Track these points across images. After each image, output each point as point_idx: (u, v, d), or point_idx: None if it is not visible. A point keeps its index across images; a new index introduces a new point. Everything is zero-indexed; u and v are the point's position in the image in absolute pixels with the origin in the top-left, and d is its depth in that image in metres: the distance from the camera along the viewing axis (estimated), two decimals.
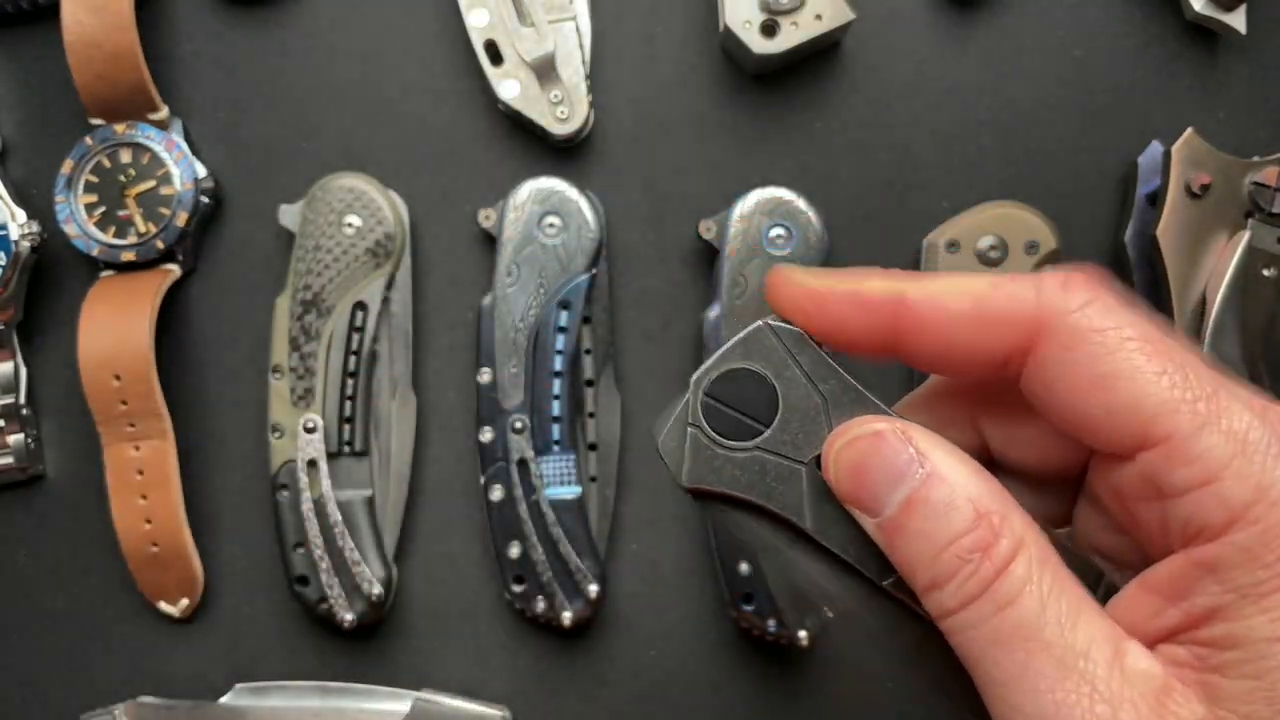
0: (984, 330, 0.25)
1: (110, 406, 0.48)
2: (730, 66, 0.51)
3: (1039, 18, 0.51)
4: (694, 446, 0.26)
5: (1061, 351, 0.24)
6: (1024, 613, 0.22)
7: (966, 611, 0.23)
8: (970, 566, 0.22)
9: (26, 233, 0.50)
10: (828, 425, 0.26)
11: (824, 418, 0.26)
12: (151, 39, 0.51)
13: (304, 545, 0.48)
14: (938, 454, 0.24)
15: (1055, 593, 0.22)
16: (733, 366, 0.26)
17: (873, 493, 0.24)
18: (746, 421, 0.26)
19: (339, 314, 0.48)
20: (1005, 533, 0.23)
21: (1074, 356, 0.23)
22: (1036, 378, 0.24)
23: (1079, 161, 0.50)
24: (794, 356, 0.26)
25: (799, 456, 0.26)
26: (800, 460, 0.26)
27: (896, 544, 0.24)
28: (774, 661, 0.49)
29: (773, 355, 0.26)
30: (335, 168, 0.50)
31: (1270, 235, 0.46)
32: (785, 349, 0.26)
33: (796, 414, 0.26)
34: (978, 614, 0.22)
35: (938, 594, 0.23)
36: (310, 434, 0.48)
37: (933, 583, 0.23)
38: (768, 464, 0.26)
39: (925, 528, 0.23)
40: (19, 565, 0.51)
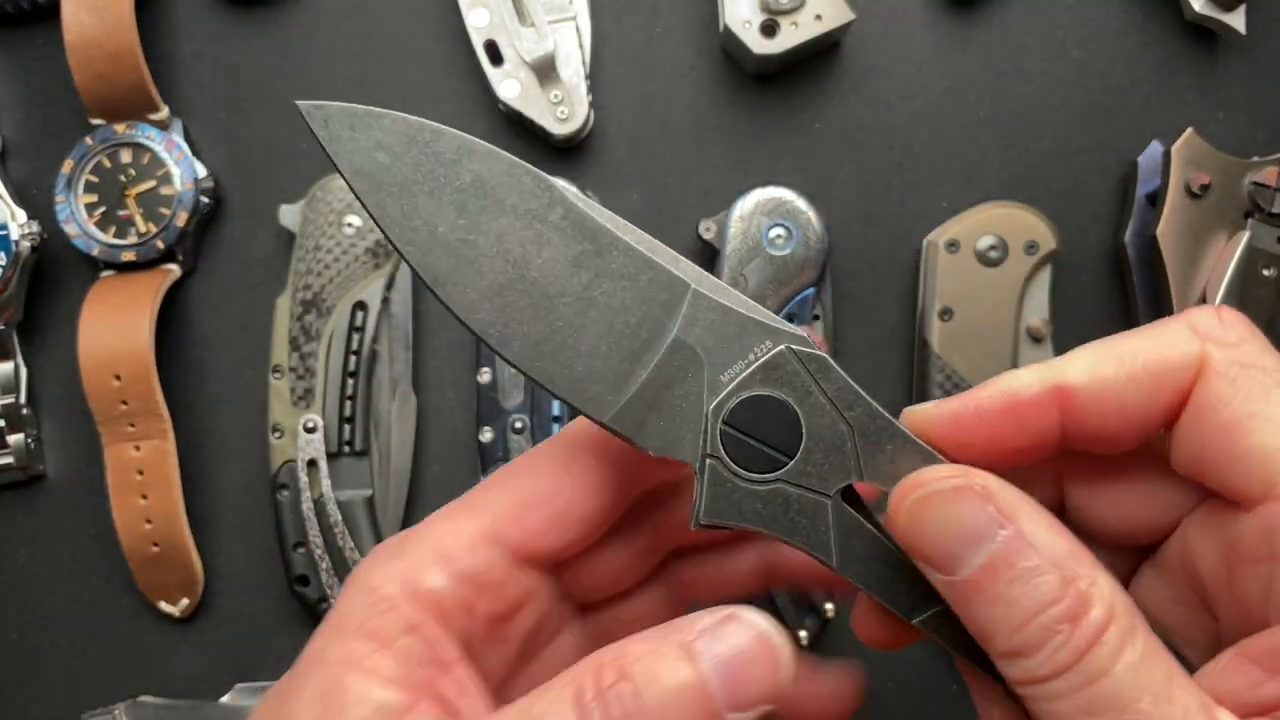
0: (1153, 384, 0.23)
1: (110, 406, 0.48)
2: (730, 66, 0.51)
3: (1039, 18, 0.51)
4: (712, 480, 0.25)
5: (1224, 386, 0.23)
6: (1119, 684, 0.21)
7: (1057, 682, 0.22)
8: (1060, 637, 0.21)
9: (27, 233, 0.50)
10: (855, 455, 0.25)
11: (851, 447, 0.25)
12: (151, 39, 0.51)
13: (304, 545, 0.48)
14: (1021, 512, 0.22)
15: (1149, 661, 0.21)
16: (752, 393, 0.25)
17: (948, 552, 0.23)
18: (768, 452, 0.25)
19: (339, 314, 0.48)
20: (1096, 601, 0.22)
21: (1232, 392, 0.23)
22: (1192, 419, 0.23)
23: (1079, 161, 0.50)
24: (818, 382, 0.25)
25: (824, 489, 0.25)
26: (825, 493, 0.25)
27: (974, 606, 0.22)
28: None
29: (795, 381, 0.25)
30: None
31: (1270, 235, 0.46)
32: (808, 374, 0.25)
33: (821, 443, 0.25)
34: (1069, 684, 0.21)
35: (1023, 662, 0.22)
36: (310, 434, 0.48)
37: (1017, 651, 0.22)
38: (791, 497, 0.25)
39: (1009, 594, 0.22)
40: (19, 565, 0.51)
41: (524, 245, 0.25)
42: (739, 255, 0.47)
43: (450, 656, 0.25)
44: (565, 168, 0.51)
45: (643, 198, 0.51)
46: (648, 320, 0.25)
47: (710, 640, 0.22)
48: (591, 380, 0.25)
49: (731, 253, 0.47)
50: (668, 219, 0.50)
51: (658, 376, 0.25)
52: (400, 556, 0.26)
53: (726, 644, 0.22)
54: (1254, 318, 0.46)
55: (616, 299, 0.25)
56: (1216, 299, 0.45)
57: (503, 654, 0.27)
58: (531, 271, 0.25)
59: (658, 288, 0.25)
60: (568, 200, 0.25)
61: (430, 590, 0.25)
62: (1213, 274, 0.46)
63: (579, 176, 0.50)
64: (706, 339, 0.25)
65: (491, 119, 0.51)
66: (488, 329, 0.25)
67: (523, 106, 0.49)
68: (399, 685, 0.24)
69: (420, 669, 0.24)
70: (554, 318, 0.25)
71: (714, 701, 0.22)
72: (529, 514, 0.26)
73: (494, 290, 0.25)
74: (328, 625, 0.25)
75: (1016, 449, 0.25)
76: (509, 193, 0.25)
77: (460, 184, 0.25)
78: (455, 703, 0.24)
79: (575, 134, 0.50)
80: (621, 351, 0.25)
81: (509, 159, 0.25)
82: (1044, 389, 0.24)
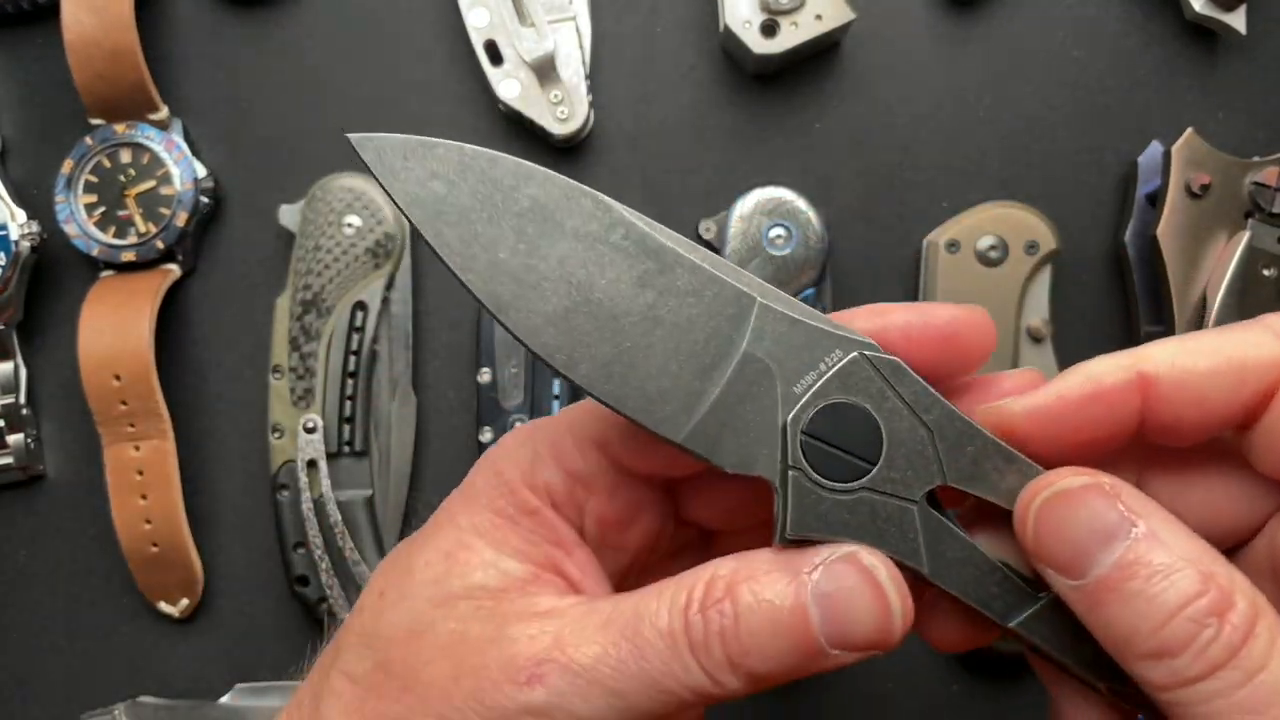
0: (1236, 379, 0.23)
1: (110, 406, 0.48)
2: (730, 66, 0.51)
3: (1039, 18, 0.51)
4: (796, 492, 0.24)
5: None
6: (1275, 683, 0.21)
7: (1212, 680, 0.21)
8: (1210, 631, 0.21)
9: (26, 233, 0.50)
10: (937, 459, 0.24)
11: (932, 450, 0.24)
12: (151, 39, 0.51)
13: (304, 545, 0.48)
14: (1150, 511, 0.22)
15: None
16: (830, 402, 0.24)
17: (1078, 552, 0.22)
18: (850, 460, 0.24)
19: (339, 314, 0.48)
20: (1239, 595, 0.21)
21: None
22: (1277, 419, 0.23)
23: (1079, 161, 0.50)
24: (894, 387, 0.25)
25: (909, 495, 0.24)
26: (911, 499, 0.24)
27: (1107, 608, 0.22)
28: None
29: (871, 387, 0.25)
30: (335, 168, 0.50)
31: (1270, 235, 0.46)
32: (883, 379, 0.25)
33: (902, 449, 0.24)
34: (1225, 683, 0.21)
35: (1169, 663, 0.21)
36: (310, 434, 0.48)
37: (1161, 650, 0.21)
38: (876, 504, 0.24)
39: (1147, 590, 0.21)
40: (19, 565, 0.51)
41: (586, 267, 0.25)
42: (739, 255, 0.47)
43: (570, 540, 0.26)
44: (565, 168, 0.51)
45: (643, 198, 0.51)
46: (716, 336, 0.25)
47: (823, 574, 0.23)
48: (663, 400, 0.25)
49: (732, 253, 0.47)
50: (668, 219, 0.50)
51: (729, 392, 0.25)
52: (525, 445, 0.27)
53: (837, 581, 0.23)
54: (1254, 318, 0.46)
55: (683, 316, 0.25)
56: (1217, 299, 0.45)
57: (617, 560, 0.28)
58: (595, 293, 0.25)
59: (723, 303, 0.25)
60: (628, 220, 0.25)
61: (545, 481, 0.26)
62: (1213, 274, 0.46)
63: (579, 176, 0.50)
64: (777, 351, 0.25)
65: (491, 119, 0.51)
66: (554, 353, 0.24)
67: (523, 106, 0.49)
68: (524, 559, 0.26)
69: (544, 547, 0.26)
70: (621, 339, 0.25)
71: (813, 633, 0.23)
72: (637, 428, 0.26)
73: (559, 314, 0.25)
74: (460, 495, 0.27)
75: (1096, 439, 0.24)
76: (568, 216, 0.25)
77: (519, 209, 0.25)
78: (578, 581, 0.26)
79: (575, 134, 0.50)
80: (691, 369, 0.25)
81: (566, 182, 0.25)
82: (1128, 376, 0.24)
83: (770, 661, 0.23)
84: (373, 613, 0.26)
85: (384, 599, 0.26)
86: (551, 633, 0.24)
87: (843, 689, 0.49)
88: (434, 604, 0.25)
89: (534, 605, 0.25)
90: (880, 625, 0.23)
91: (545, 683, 0.23)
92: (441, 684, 0.24)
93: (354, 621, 0.27)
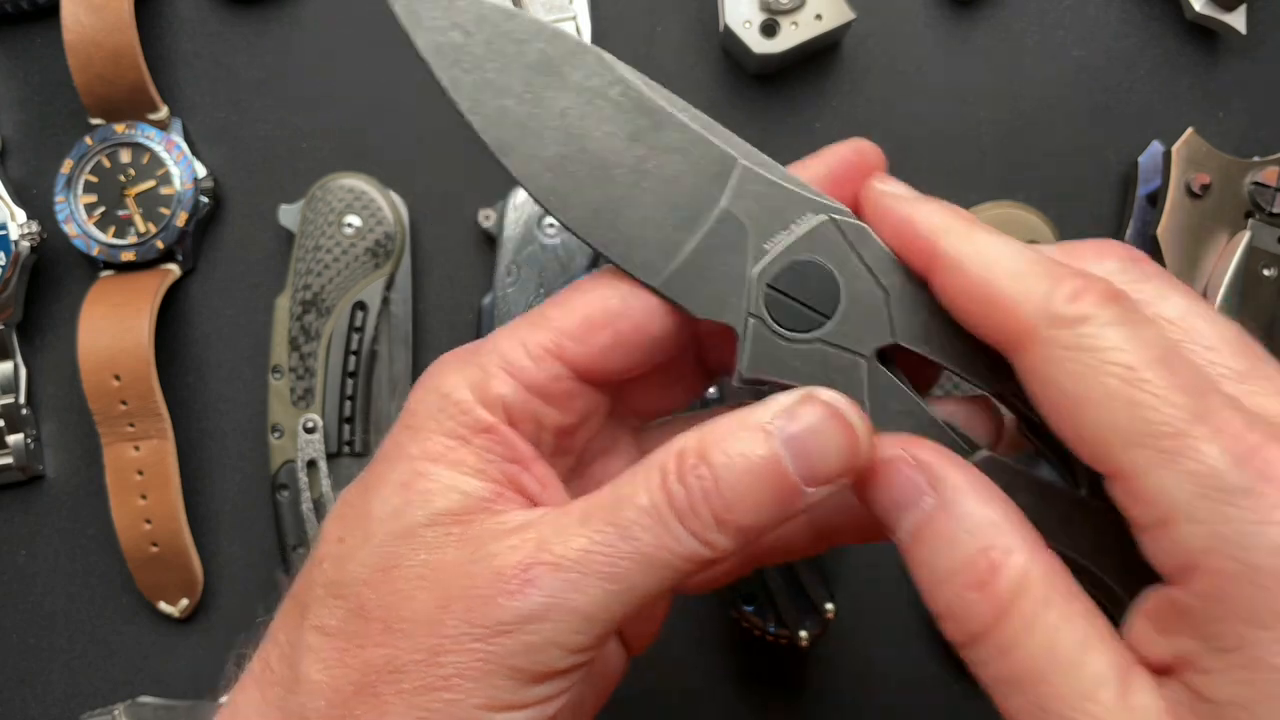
0: (987, 315, 0.24)
1: (110, 406, 0.48)
2: (730, 66, 0.51)
3: (1039, 18, 0.51)
4: (755, 336, 0.26)
5: (1040, 365, 0.23)
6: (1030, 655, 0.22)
7: (975, 649, 0.22)
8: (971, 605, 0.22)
9: (26, 232, 0.50)
10: (889, 319, 0.26)
11: (886, 311, 0.26)
12: (151, 39, 0.51)
13: (304, 546, 0.48)
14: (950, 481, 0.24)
15: (1064, 630, 0.22)
16: (796, 259, 0.26)
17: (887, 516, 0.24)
18: (807, 312, 0.26)
19: (339, 314, 0.48)
20: (1006, 570, 0.22)
21: (1051, 374, 0.23)
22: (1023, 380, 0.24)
23: (1079, 161, 0.50)
24: (856, 250, 0.26)
25: (860, 349, 0.26)
26: (861, 353, 0.26)
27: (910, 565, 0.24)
28: (774, 661, 0.49)
29: (836, 249, 0.26)
30: (335, 168, 0.50)
31: (1270, 235, 0.46)
32: (848, 243, 0.26)
33: (858, 306, 0.26)
34: (985, 653, 0.22)
35: (946, 625, 0.23)
36: (310, 434, 0.48)
37: (940, 614, 0.23)
38: (829, 355, 0.26)
39: (927, 559, 0.23)
40: (19, 565, 0.51)
41: (584, 119, 0.27)
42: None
43: (528, 454, 0.26)
44: None
45: None
46: (698, 191, 0.27)
47: (786, 419, 0.24)
48: (644, 247, 0.26)
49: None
50: None
51: (706, 245, 0.26)
52: (469, 365, 0.26)
53: (801, 422, 0.24)
54: (1254, 318, 0.46)
55: (669, 171, 0.27)
56: (1217, 299, 0.45)
57: (565, 464, 0.29)
58: (590, 144, 0.27)
59: (708, 162, 0.27)
60: (627, 78, 0.27)
61: (499, 396, 0.26)
62: (1213, 274, 0.46)
63: None
64: (753, 210, 0.27)
65: None
66: (549, 195, 0.27)
67: None
68: (483, 478, 0.25)
69: (500, 464, 0.26)
70: (610, 187, 0.27)
71: (789, 476, 0.24)
72: (595, 332, 0.26)
73: (555, 160, 0.27)
74: (402, 425, 0.26)
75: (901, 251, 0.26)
76: (573, 70, 0.27)
77: (528, 61, 0.27)
78: (538, 495, 0.26)
79: None
80: (673, 221, 0.27)
81: (574, 40, 0.27)
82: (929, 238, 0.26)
83: (754, 511, 0.24)
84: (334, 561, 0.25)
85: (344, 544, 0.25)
86: (532, 539, 0.24)
87: (842, 688, 0.49)
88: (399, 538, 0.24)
89: (503, 523, 0.24)
90: (848, 451, 0.24)
91: (538, 584, 0.23)
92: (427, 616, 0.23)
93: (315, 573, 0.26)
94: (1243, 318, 0.45)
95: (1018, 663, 0.22)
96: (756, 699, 0.49)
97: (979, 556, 0.23)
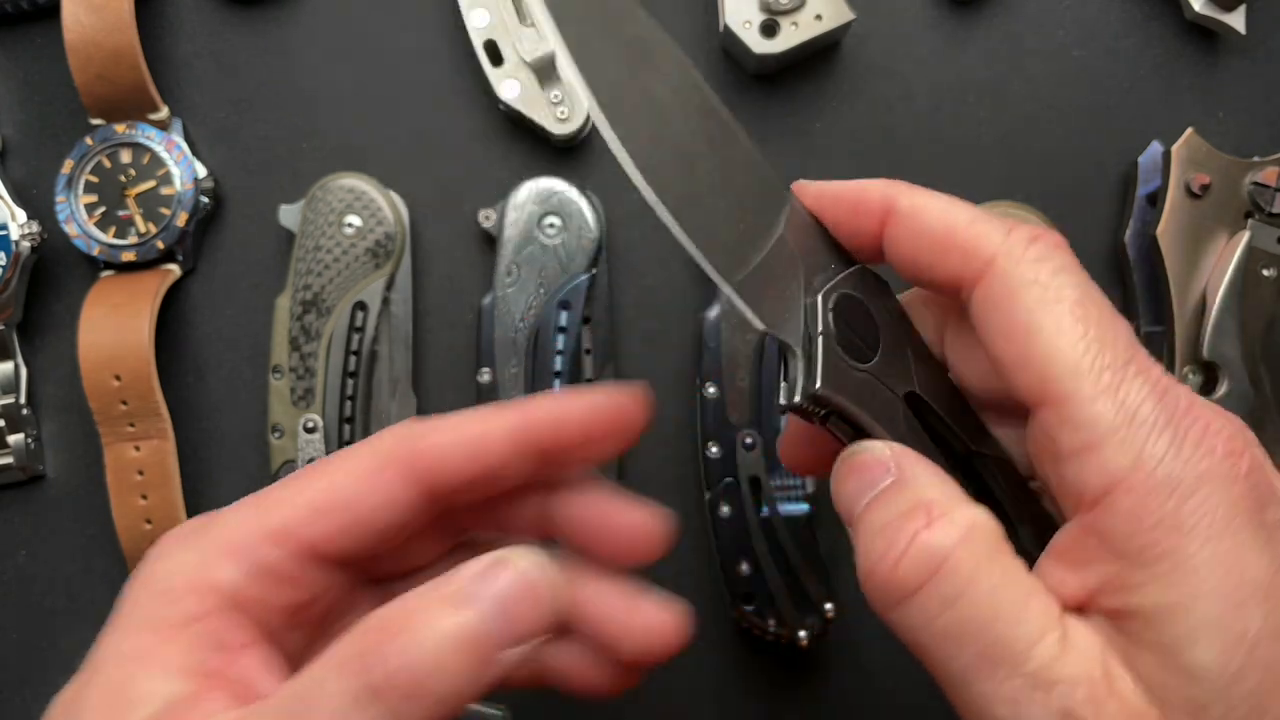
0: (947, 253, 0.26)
1: (110, 406, 0.48)
2: (730, 66, 0.51)
3: (1039, 18, 0.51)
4: (827, 352, 0.26)
5: (999, 291, 0.25)
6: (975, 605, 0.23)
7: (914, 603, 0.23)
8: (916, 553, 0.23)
9: (27, 233, 0.50)
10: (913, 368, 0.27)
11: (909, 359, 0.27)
12: (151, 39, 0.51)
13: None
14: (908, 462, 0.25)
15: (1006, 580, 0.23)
16: (848, 292, 0.27)
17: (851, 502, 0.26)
18: (860, 345, 0.27)
19: (339, 314, 0.48)
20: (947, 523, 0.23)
21: (1008, 301, 0.24)
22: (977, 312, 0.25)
23: (1079, 161, 0.50)
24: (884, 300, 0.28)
25: (895, 389, 0.27)
26: (897, 393, 0.27)
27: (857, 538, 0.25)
28: (774, 661, 0.49)
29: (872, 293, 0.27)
30: (335, 168, 0.50)
31: (1270, 235, 0.46)
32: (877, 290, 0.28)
33: (892, 349, 0.27)
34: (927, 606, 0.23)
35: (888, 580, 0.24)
36: (310, 434, 0.48)
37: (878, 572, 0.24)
38: (877, 389, 0.27)
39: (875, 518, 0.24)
40: (19, 565, 0.51)
41: (670, 110, 0.27)
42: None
43: (243, 640, 0.25)
44: (565, 168, 0.51)
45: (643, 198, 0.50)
46: (761, 213, 0.27)
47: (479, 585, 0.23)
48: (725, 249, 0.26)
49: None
50: None
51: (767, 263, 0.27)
52: (187, 549, 0.26)
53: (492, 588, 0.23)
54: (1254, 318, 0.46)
55: (739, 184, 0.27)
56: (1217, 299, 0.45)
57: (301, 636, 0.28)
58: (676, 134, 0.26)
59: (768, 187, 0.28)
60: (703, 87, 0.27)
61: (219, 582, 0.25)
62: (1213, 274, 0.46)
63: (579, 176, 0.50)
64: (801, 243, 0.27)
65: (491, 119, 0.51)
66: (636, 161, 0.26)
67: (523, 106, 0.49)
68: (187, 675, 0.24)
69: (210, 655, 0.24)
70: (694, 183, 0.26)
71: (486, 642, 0.23)
72: (323, 517, 0.26)
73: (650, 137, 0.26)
74: (113, 622, 0.26)
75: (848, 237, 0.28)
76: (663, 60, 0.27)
77: (625, 37, 0.27)
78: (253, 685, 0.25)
79: (575, 134, 0.50)
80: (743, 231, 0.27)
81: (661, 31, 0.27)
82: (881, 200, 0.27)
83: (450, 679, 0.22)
84: None
85: None
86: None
87: (842, 688, 0.49)
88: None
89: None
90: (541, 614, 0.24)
91: None
92: None
93: None
94: (1242, 318, 0.45)
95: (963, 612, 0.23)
96: (756, 699, 0.49)
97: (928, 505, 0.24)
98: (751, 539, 0.46)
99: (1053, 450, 0.24)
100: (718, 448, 0.47)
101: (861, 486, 0.25)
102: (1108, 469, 0.22)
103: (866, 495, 0.25)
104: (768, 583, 0.46)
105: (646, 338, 0.50)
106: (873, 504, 0.25)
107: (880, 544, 0.24)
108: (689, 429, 0.49)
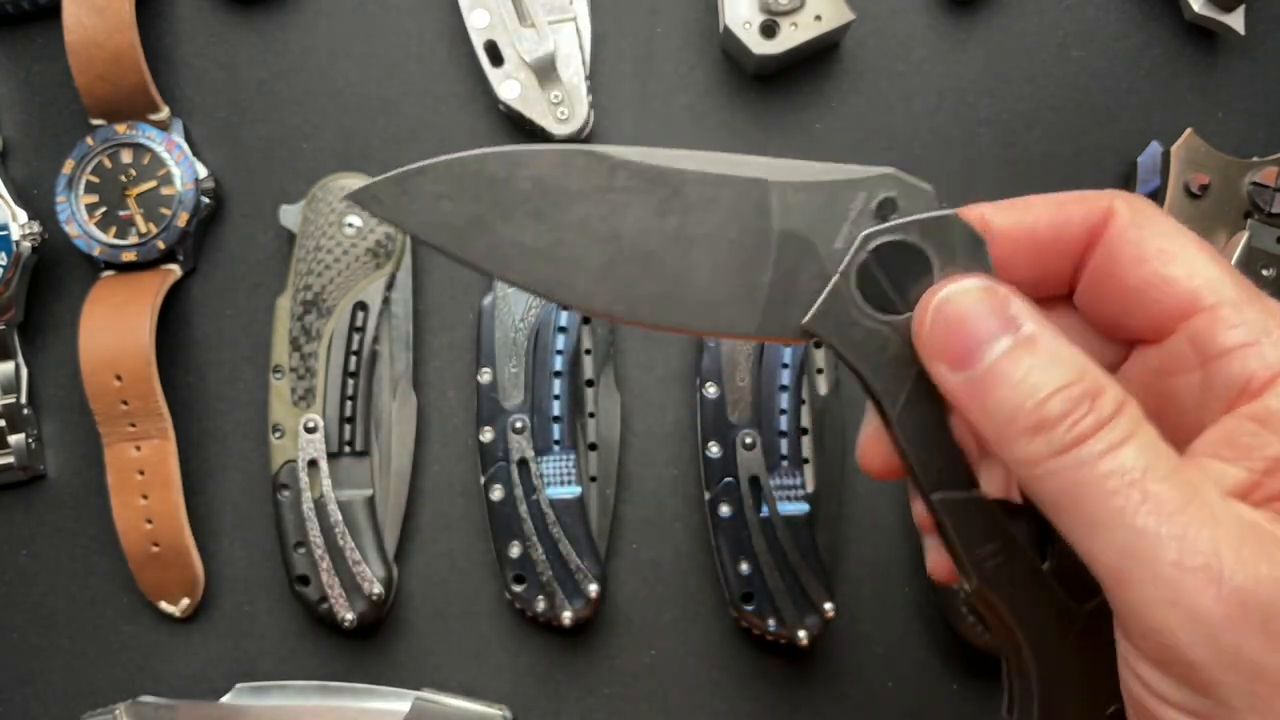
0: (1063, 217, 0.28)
1: (111, 406, 0.48)
2: (730, 66, 0.51)
3: (1039, 18, 0.51)
4: (832, 293, 0.26)
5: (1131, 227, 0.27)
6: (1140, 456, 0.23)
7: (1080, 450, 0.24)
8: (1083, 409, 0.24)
9: (27, 233, 0.50)
10: None
11: None
12: (152, 39, 0.51)
13: (304, 545, 0.48)
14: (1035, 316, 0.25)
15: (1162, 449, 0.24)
16: (905, 239, 0.26)
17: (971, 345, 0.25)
18: (889, 295, 0.26)
19: (339, 314, 0.48)
20: (1109, 387, 0.24)
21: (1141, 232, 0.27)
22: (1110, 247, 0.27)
23: (1079, 161, 0.50)
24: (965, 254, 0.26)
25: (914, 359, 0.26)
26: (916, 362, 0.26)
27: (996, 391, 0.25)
28: (774, 661, 0.49)
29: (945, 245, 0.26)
30: (335, 168, 0.50)
31: (1269, 235, 0.46)
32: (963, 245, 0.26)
33: None
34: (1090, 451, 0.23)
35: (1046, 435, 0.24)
36: (311, 434, 0.48)
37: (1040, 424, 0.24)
38: (890, 343, 0.26)
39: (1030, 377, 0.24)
40: (19, 565, 0.51)
41: (607, 219, 0.26)
42: None
43: None
44: None
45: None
46: (747, 229, 0.26)
47: None
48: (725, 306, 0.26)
49: None
50: None
51: (780, 272, 0.26)
52: None
53: None
54: None
55: (710, 225, 0.26)
56: None
57: None
58: (625, 239, 0.26)
59: (742, 197, 0.26)
60: (625, 159, 0.26)
61: None
62: None
63: None
64: (808, 219, 0.26)
65: (491, 119, 0.51)
66: (613, 308, 0.26)
67: (523, 107, 0.49)
68: None
69: None
70: (664, 270, 0.26)
71: None
72: None
73: (601, 272, 0.26)
74: None
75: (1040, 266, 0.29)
76: (569, 180, 0.26)
77: (523, 193, 0.26)
78: None
79: (575, 134, 0.50)
80: (738, 267, 0.26)
81: (554, 149, 0.26)
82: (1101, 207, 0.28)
83: None
84: None
85: None
86: None
87: (842, 688, 0.49)
88: None
89: None
90: None
91: None
92: None
93: None
94: None
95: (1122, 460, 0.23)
96: (756, 698, 0.49)
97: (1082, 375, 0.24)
98: (751, 539, 0.46)
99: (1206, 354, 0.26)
100: (718, 447, 0.47)
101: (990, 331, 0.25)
102: (1268, 360, 0.25)
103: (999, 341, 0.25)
104: (768, 582, 0.46)
105: (646, 338, 0.50)
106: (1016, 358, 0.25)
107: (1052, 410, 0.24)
108: (689, 429, 0.49)
